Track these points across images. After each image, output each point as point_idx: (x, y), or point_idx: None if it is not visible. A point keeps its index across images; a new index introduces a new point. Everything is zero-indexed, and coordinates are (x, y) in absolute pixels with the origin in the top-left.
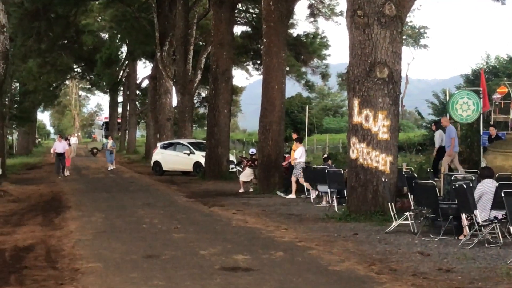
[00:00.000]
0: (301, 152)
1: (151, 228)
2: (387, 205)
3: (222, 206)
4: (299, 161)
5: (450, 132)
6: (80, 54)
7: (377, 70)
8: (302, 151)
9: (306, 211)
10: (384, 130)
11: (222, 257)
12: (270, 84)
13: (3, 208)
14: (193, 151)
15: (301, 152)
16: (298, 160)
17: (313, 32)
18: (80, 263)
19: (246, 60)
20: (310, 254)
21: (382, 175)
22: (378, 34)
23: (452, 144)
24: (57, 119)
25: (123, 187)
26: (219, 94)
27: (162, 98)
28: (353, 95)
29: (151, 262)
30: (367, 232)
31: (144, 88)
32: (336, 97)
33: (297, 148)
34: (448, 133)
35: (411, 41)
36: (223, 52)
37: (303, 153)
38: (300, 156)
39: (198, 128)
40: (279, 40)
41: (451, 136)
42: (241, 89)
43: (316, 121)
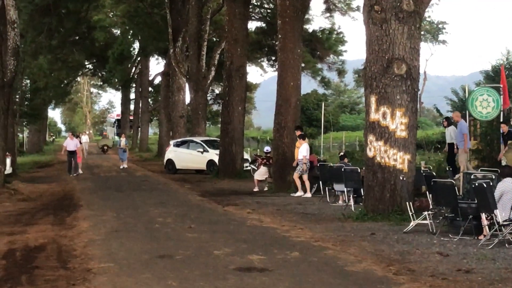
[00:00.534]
0: (306, 149)
1: (164, 228)
2: (405, 204)
3: (236, 205)
4: (302, 158)
5: (462, 127)
6: (91, 50)
7: (394, 67)
8: (307, 148)
9: (322, 210)
10: (402, 128)
11: (237, 257)
12: (285, 80)
13: (14, 207)
14: (206, 149)
15: (306, 149)
16: (301, 157)
17: (329, 28)
18: (92, 263)
19: (261, 56)
20: (326, 254)
21: (400, 174)
22: (395, 30)
23: (466, 140)
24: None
25: (135, 186)
26: (233, 91)
27: (175, 95)
28: (370, 92)
29: (164, 262)
30: (385, 232)
31: (156, 84)
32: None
33: (301, 145)
34: (459, 128)
35: (430, 36)
36: (237, 48)
37: (307, 150)
38: (305, 153)
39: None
40: (294, 36)
41: (463, 132)
42: (255, 86)
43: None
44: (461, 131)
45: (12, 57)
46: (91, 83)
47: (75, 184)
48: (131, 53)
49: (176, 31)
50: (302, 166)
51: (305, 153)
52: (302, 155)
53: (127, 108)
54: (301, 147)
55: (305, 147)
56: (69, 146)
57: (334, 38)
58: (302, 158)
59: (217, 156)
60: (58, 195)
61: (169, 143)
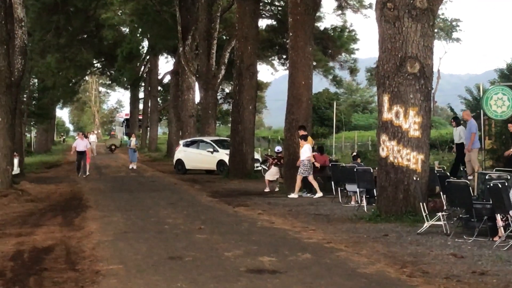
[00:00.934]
0: (308, 149)
1: (174, 229)
2: (419, 205)
3: (247, 206)
4: (303, 158)
5: (471, 126)
6: (100, 49)
7: (408, 65)
8: (308, 149)
9: (334, 211)
10: (416, 127)
11: (247, 259)
12: (296, 79)
13: (22, 208)
14: (216, 149)
15: (308, 150)
16: (303, 158)
17: (341, 26)
18: (101, 265)
19: (272, 55)
20: (339, 256)
21: (414, 174)
22: (409, 28)
23: (472, 139)
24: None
25: (144, 187)
26: (243, 90)
27: (184, 94)
28: (383, 91)
29: (174, 264)
30: (398, 233)
31: (166, 83)
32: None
33: (303, 145)
34: (469, 127)
35: (443, 34)
36: (248, 46)
37: (309, 150)
38: (306, 154)
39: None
40: (305, 34)
41: (472, 131)
42: (266, 84)
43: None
44: (470, 130)
45: (20, 56)
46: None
47: (84, 185)
48: (140, 52)
49: (186, 29)
50: (304, 167)
51: (307, 153)
52: (304, 156)
53: (136, 108)
54: (302, 148)
55: (306, 147)
56: (79, 146)
57: (346, 36)
58: (304, 159)
59: (227, 156)
60: (66, 196)
61: (179, 143)
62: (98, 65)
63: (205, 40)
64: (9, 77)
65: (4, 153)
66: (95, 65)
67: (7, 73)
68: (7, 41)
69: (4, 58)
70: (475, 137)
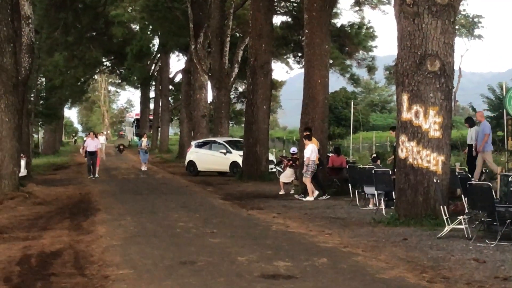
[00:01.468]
0: (311, 150)
1: (186, 233)
2: (439, 208)
3: (261, 209)
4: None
5: (485, 127)
6: (109, 46)
7: (428, 63)
8: (312, 149)
9: (352, 214)
10: (436, 128)
11: (262, 264)
12: (312, 78)
13: (29, 211)
14: (229, 150)
15: (311, 150)
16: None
17: (358, 22)
18: (111, 270)
19: (286, 53)
20: (356, 261)
21: (434, 176)
22: (429, 24)
23: (485, 140)
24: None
25: (155, 189)
26: (257, 89)
27: (196, 94)
28: (402, 90)
29: (185, 268)
30: (418, 237)
31: (177, 82)
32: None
33: (307, 145)
34: (482, 128)
35: (465, 31)
36: (262, 44)
37: (313, 151)
38: (309, 155)
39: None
40: (321, 31)
41: (485, 132)
42: (281, 83)
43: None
44: (483, 131)
45: (27, 54)
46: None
47: (93, 187)
48: (151, 50)
49: (198, 26)
50: (308, 168)
51: (308, 154)
52: (306, 156)
53: (147, 107)
54: (306, 148)
55: (309, 148)
56: (90, 147)
57: (363, 33)
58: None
59: (240, 157)
60: (74, 199)
61: (191, 144)
62: (107, 64)
63: (218, 37)
64: (16, 76)
65: (10, 154)
66: (105, 63)
67: (14, 72)
68: (13, 39)
69: (11, 57)
70: (489, 139)
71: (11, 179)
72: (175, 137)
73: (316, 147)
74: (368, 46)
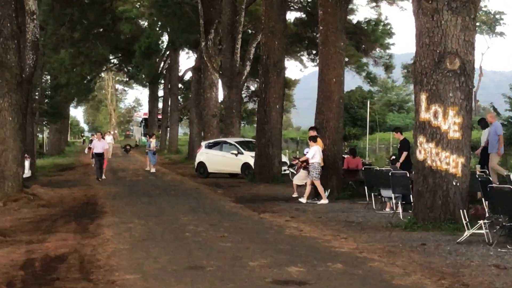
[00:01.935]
0: (314, 151)
1: (195, 237)
2: (459, 212)
3: (273, 213)
4: (313, 161)
5: (497, 129)
6: (117, 43)
7: (447, 61)
8: (315, 151)
9: (368, 218)
10: (455, 128)
11: (274, 269)
12: (327, 76)
13: (33, 214)
14: (241, 151)
15: (314, 152)
16: (312, 161)
17: (375, 19)
18: (117, 275)
19: (300, 50)
20: (372, 267)
21: (453, 179)
22: (448, 21)
23: (501, 141)
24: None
25: (164, 191)
26: (270, 87)
27: (207, 92)
28: (420, 89)
29: (195, 274)
30: (436, 242)
31: (187, 81)
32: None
33: (311, 147)
34: (494, 130)
35: (486, 28)
36: (275, 41)
37: (317, 153)
38: (312, 157)
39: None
40: (337, 28)
41: (498, 133)
42: (294, 82)
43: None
44: (496, 132)
45: (31, 51)
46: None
47: (99, 189)
48: (160, 47)
49: (208, 23)
50: (315, 170)
51: (310, 156)
52: (315, 158)
53: (155, 106)
54: (310, 150)
55: (313, 150)
56: (97, 148)
57: (380, 30)
58: (313, 162)
59: (252, 158)
60: (80, 201)
61: (201, 145)
62: (114, 61)
63: (229, 34)
64: (19, 73)
65: (14, 154)
66: (112, 61)
67: (18, 69)
68: (18, 35)
69: (15, 53)
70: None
71: (14, 180)
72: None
73: (320, 149)
74: (385, 44)
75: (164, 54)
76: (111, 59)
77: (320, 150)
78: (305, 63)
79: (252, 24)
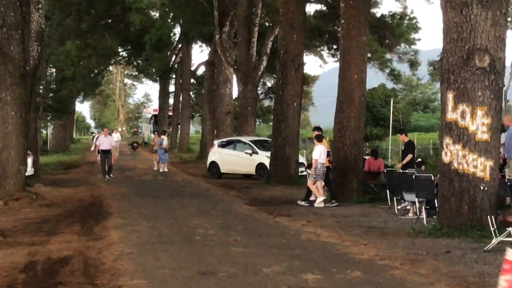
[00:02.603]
0: (319, 152)
1: (206, 240)
2: (486, 218)
3: (289, 216)
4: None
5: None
6: (126, 35)
7: (476, 58)
8: (320, 151)
9: (389, 223)
10: (484, 129)
11: (289, 276)
12: (348, 73)
13: (35, 214)
14: (256, 150)
15: (320, 152)
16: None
17: (400, 12)
18: (123, 280)
19: (320, 45)
20: (393, 275)
21: (481, 183)
22: (478, 16)
23: None
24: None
25: (173, 192)
26: (287, 84)
27: (220, 88)
28: (447, 87)
29: (205, 280)
30: (462, 250)
31: (199, 76)
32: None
33: (315, 147)
34: (510, 134)
35: None
36: (293, 34)
37: (322, 153)
38: (319, 157)
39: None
40: (359, 21)
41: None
42: (313, 78)
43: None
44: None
45: (36, 42)
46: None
47: (106, 189)
48: (171, 39)
49: (223, 14)
50: (317, 171)
51: (316, 156)
52: (314, 158)
53: (166, 103)
54: (314, 150)
55: (318, 149)
56: (103, 145)
57: (406, 24)
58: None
59: (268, 159)
60: (85, 201)
61: (213, 143)
62: (123, 54)
63: (245, 27)
64: (23, 66)
65: (16, 151)
66: (120, 53)
67: (22, 62)
68: (22, 25)
69: (18, 44)
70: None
71: (16, 178)
72: (196, 136)
73: (325, 149)
74: (410, 39)
75: (176, 47)
76: (119, 51)
77: (325, 150)
78: (325, 58)
79: (269, 16)
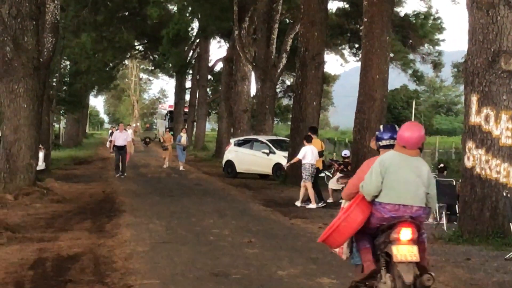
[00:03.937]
0: (304, 152)
1: (220, 241)
2: (508, 225)
3: (306, 218)
4: (304, 162)
5: None
6: (142, 29)
7: (502, 61)
8: (305, 151)
9: None
10: (508, 134)
11: (304, 280)
12: (370, 73)
13: (46, 209)
14: (273, 150)
15: (304, 152)
16: (303, 162)
17: (424, 12)
18: (134, 279)
19: (342, 43)
20: None
21: (504, 189)
22: (504, 17)
23: None
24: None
25: (188, 190)
26: (307, 82)
27: (238, 85)
28: (471, 90)
29: (218, 281)
30: (482, 258)
31: (217, 72)
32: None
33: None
34: None
35: None
36: (314, 32)
37: (307, 153)
38: (303, 157)
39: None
40: (382, 20)
41: None
42: (334, 77)
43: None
44: None
45: (50, 33)
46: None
47: (118, 185)
48: (189, 34)
49: (243, 10)
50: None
51: (300, 156)
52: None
53: (182, 99)
54: (301, 150)
55: (303, 150)
56: (119, 140)
57: (430, 24)
58: (305, 163)
59: (285, 159)
60: (97, 197)
61: (229, 142)
62: (139, 48)
63: (265, 23)
64: (37, 57)
65: (28, 145)
66: (137, 47)
67: (35, 53)
68: (36, 16)
69: (33, 36)
70: None
71: (27, 172)
72: (212, 133)
73: (315, 149)
74: (434, 39)
75: (194, 42)
76: (136, 45)
77: (313, 151)
78: (346, 57)
79: (290, 13)
